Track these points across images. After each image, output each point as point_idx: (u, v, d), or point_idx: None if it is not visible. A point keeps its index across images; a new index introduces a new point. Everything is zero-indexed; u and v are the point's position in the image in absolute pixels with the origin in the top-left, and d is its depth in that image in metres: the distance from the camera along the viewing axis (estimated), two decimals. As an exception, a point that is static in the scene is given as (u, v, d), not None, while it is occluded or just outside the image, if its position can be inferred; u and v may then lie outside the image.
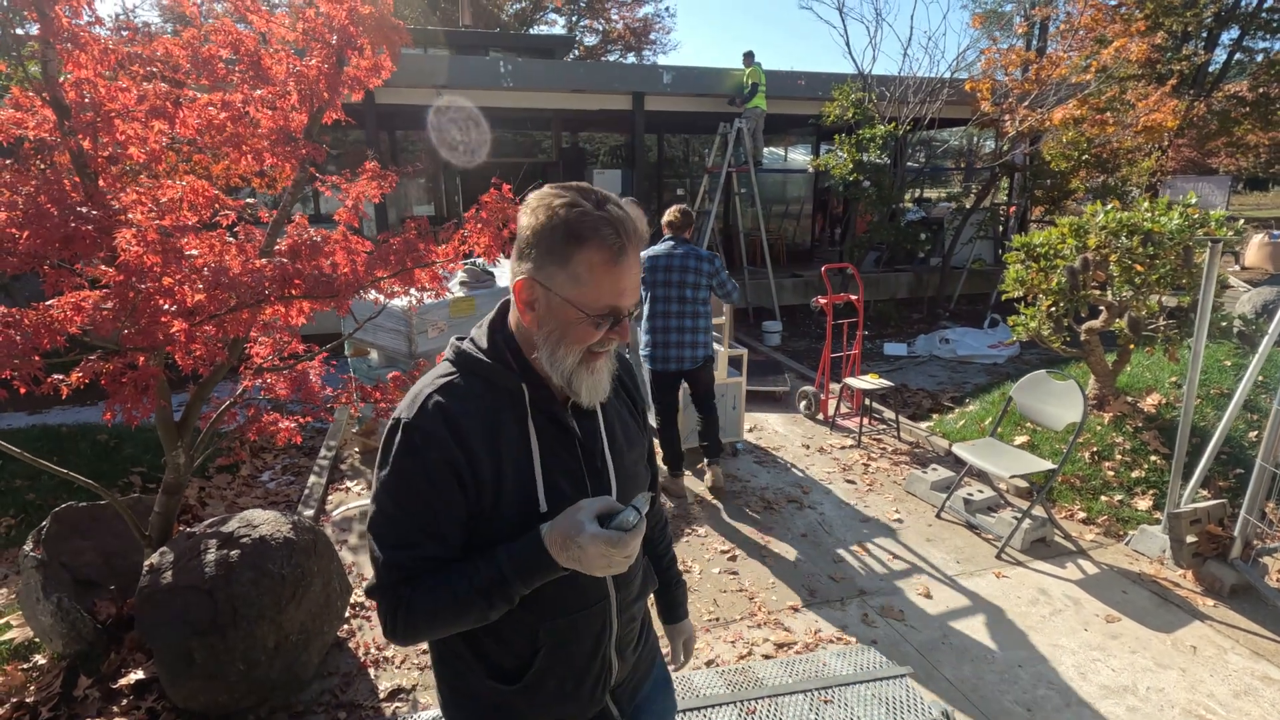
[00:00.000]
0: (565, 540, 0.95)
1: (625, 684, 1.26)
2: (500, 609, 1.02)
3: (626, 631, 1.21)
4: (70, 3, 1.90)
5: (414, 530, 1.01)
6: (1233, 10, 18.06)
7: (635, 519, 0.94)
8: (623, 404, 1.23)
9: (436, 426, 1.00)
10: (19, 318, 1.97)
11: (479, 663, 1.14)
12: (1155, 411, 4.21)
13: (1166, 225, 3.71)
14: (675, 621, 1.49)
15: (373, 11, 2.19)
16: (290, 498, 4.50)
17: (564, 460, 1.08)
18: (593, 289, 0.98)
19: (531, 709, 1.15)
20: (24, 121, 2.10)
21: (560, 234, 0.97)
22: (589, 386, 1.05)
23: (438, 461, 0.99)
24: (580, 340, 1.02)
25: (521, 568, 0.99)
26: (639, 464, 1.22)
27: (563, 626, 1.11)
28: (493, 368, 1.06)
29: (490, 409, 1.04)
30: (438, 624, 1.01)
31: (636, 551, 0.96)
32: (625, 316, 1.02)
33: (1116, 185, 9.15)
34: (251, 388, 2.65)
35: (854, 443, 4.72)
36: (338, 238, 2.72)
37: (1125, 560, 3.31)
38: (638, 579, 1.24)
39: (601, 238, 0.96)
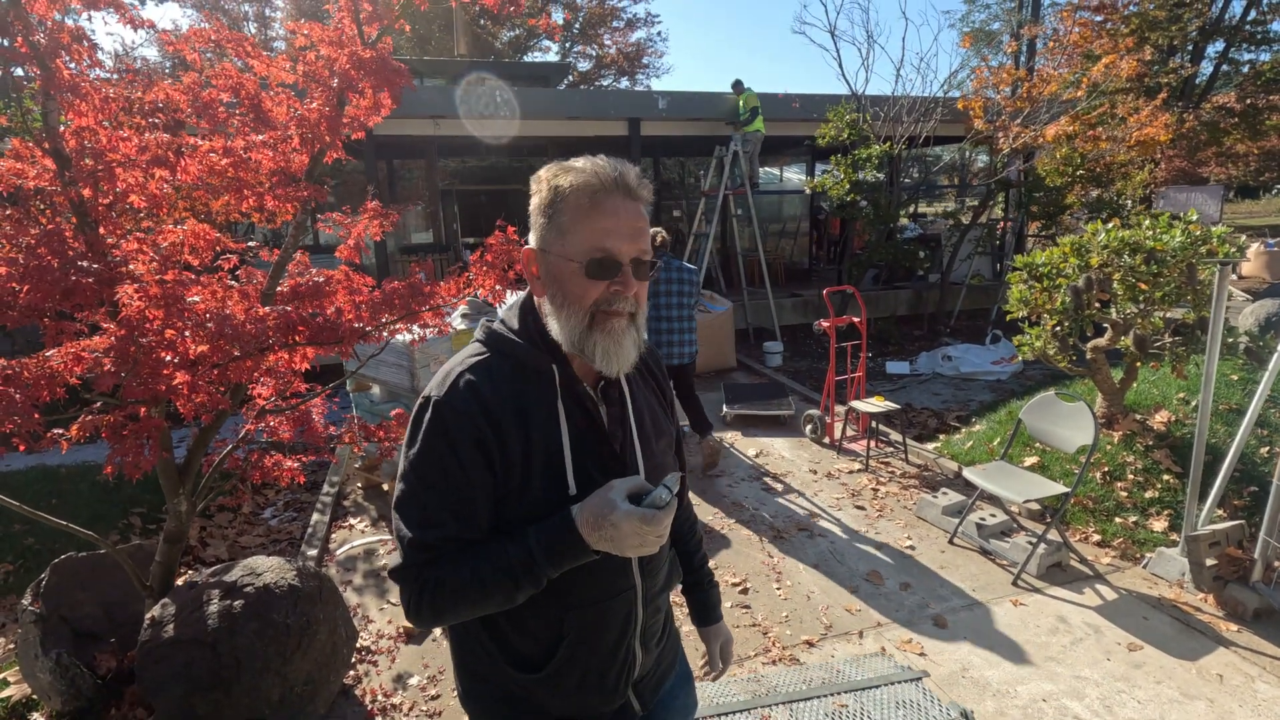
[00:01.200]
0: (598, 519, 0.94)
1: (648, 677, 1.23)
2: (526, 592, 0.99)
3: (651, 623, 1.18)
4: (72, 54, 1.89)
5: (441, 510, 0.99)
6: (1217, 24, 18.34)
7: (668, 497, 0.93)
8: (651, 393, 1.22)
9: (467, 404, 0.99)
10: (19, 370, 1.95)
11: (501, 651, 1.11)
12: (1165, 429, 4.17)
13: (1169, 243, 3.71)
14: (711, 624, 1.44)
15: (374, 55, 2.19)
16: (293, 535, 4.43)
17: (592, 444, 1.07)
18: (576, 235, 0.98)
19: (553, 699, 1.12)
20: (24, 172, 2.09)
21: (549, 196, 1.01)
22: (603, 350, 1.01)
23: (467, 440, 0.98)
24: (580, 297, 1.00)
25: (551, 548, 0.97)
26: (667, 454, 1.20)
27: (588, 615, 1.09)
28: (523, 348, 1.06)
29: (520, 389, 1.04)
30: (462, 606, 0.99)
31: (668, 531, 0.95)
32: (621, 265, 0.99)
33: (1112, 199, 9.20)
34: (254, 430, 2.61)
35: (861, 466, 4.67)
36: (340, 278, 2.71)
37: (1144, 584, 3.25)
38: (663, 569, 1.22)
39: (580, 184, 0.99)
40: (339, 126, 2.35)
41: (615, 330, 1.02)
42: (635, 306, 1.04)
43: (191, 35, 2.27)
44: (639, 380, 1.20)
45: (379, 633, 3.08)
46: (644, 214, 1.03)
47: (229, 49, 2.39)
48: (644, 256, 1.02)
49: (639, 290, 1.03)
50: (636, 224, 1.01)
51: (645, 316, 1.09)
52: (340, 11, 2.51)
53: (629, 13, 25.60)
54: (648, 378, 1.23)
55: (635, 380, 1.18)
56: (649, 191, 1.05)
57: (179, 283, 1.81)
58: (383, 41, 2.63)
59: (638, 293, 1.04)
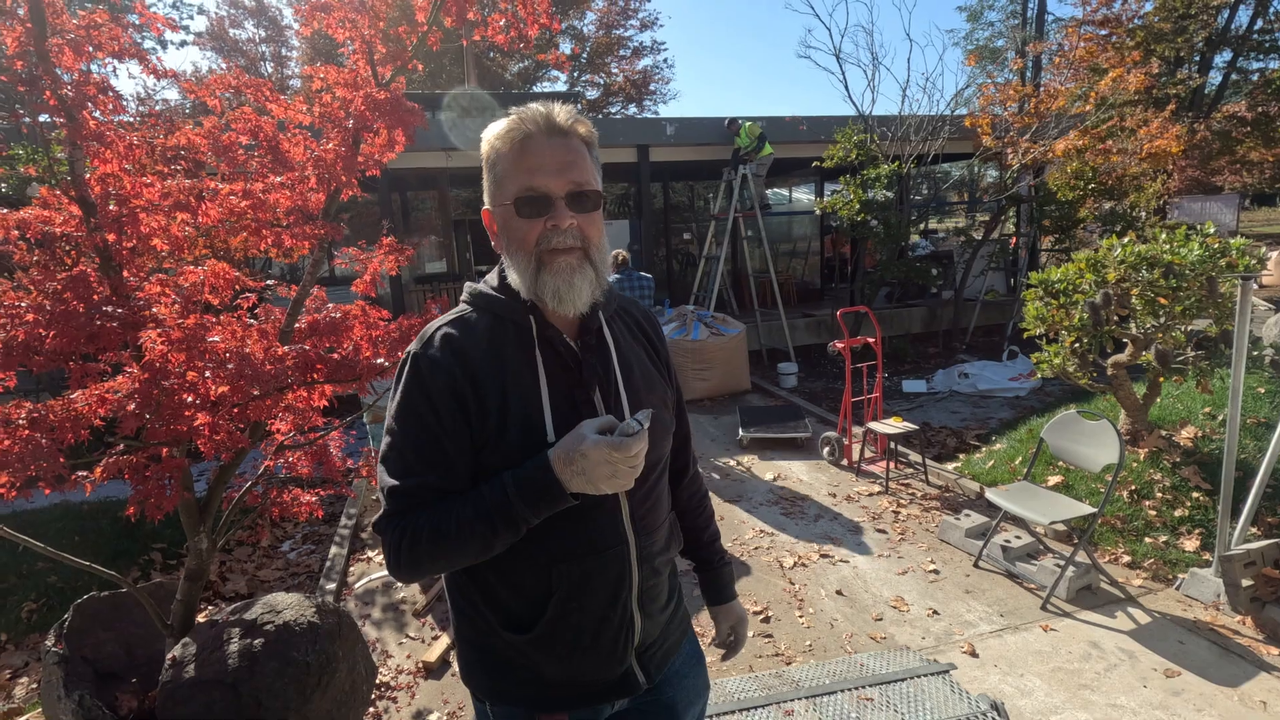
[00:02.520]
0: (568, 453, 0.94)
1: (654, 648, 1.19)
2: (504, 539, 0.99)
3: (650, 585, 1.16)
4: (98, 104, 1.95)
5: (417, 459, 1.01)
6: (1224, 34, 18.32)
7: (637, 427, 0.93)
8: (642, 348, 1.22)
9: (442, 354, 1.02)
10: (45, 413, 1.98)
11: (494, 613, 1.11)
12: (1192, 445, 4.09)
13: (1187, 257, 3.66)
14: (723, 602, 1.42)
15: (388, 96, 2.24)
16: (311, 568, 4.44)
17: (575, 393, 1.07)
18: (509, 181, 1.01)
19: (548, 662, 1.10)
20: (52, 219, 2.14)
21: (487, 152, 1.04)
22: (553, 289, 1.02)
23: (442, 388, 1.00)
24: (523, 240, 1.02)
25: (525, 488, 0.97)
26: (661, 410, 1.18)
27: (577, 570, 1.07)
28: (501, 301, 1.08)
29: (498, 342, 1.06)
30: (440, 553, 0.99)
31: (641, 461, 0.95)
32: (552, 199, 1.00)
33: (1125, 212, 9.13)
34: (273, 466, 2.63)
35: (881, 489, 4.61)
36: (357, 313, 2.74)
37: (1178, 607, 3.16)
38: (660, 529, 1.19)
39: (506, 131, 1.01)
40: (354, 166, 2.39)
41: (563, 268, 1.02)
42: (584, 242, 1.04)
43: (212, 82, 2.34)
44: (626, 333, 1.19)
45: (398, 668, 3.06)
46: (577, 149, 1.03)
47: (248, 93, 2.45)
48: (582, 189, 1.02)
49: (584, 224, 1.03)
50: (565, 158, 1.01)
51: (605, 254, 1.09)
52: (355, 55, 2.58)
53: (635, 41, 26.04)
54: (637, 333, 1.23)
55: (621, 333, 1.18)
56: (586, 128, 1.05)
57: (200, 326, 1.83)
58: (396, 80, 2.70)
59: (583, 227, 1.03)
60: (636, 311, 1.27)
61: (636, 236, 10.88)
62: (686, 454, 1.38)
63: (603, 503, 1.06)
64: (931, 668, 2.40)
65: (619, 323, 1.20)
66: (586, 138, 1.06)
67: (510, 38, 2.97)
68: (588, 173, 1.04)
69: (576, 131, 1.04)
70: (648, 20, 25.63)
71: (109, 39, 1.97)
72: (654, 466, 1.15)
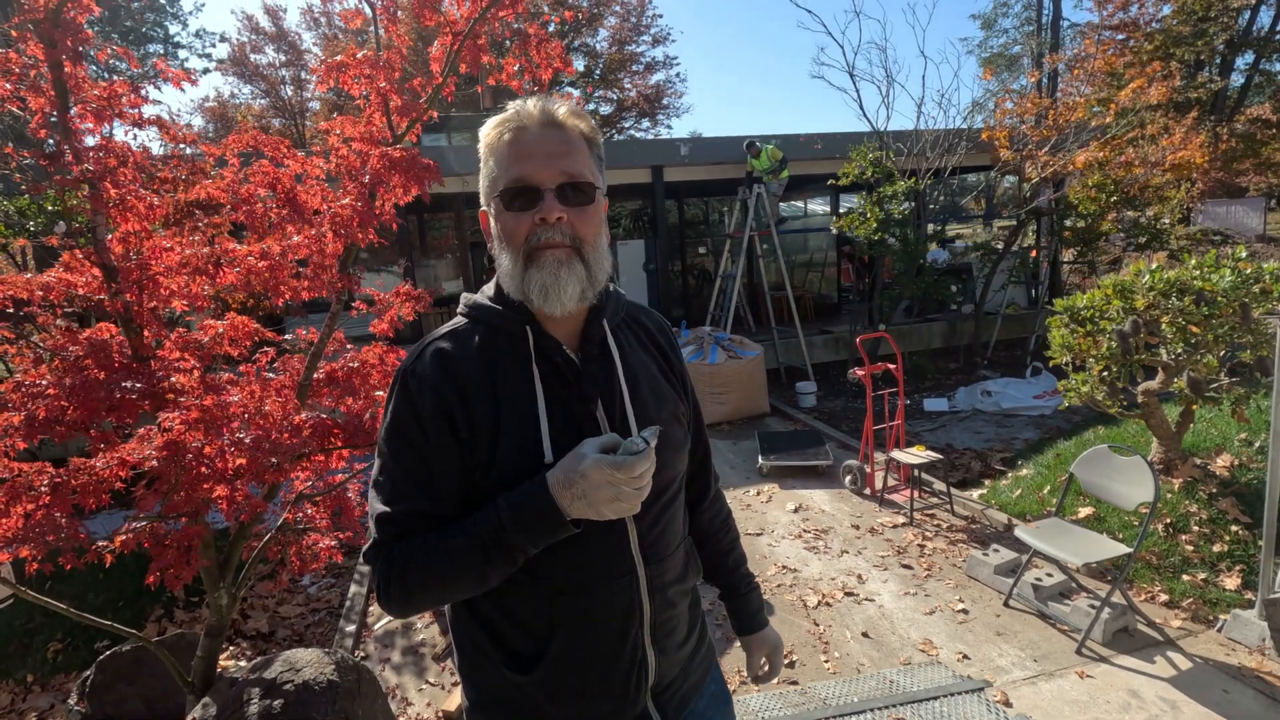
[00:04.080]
0: (567, 475, 0.87)
1: (672, 689, 1.11)
2: (499, 569, 0.92)
3: (664, 618, 1.07)
4: (119, 176, 1.97)
5: (407, 483, 0.96)
6: (1245, 36, 18.03)
7: (642, 445, 0.86)
8: (651, 358, 1.14)
9: (432, 371, 0.97)
10: (67, 479, 1.98)
11: (497, 650, 1.03)
12: (1229, 475, 3.96)
13: (1219, 284, 3.57)
14: (754, 631, 1.32)
15: (404, 155, 2.24)
16: (331, 603, 4.44)
17: (575, 409, 1.00)
18: (496, 172, 0.97)
19: (555, 705, 1.02)
20: (74, 283, 2.16)
21: (482, 150, 1.00)
22: (540, 286, 0.96)
23: (431, 407, 0.95)
24: (513, 236, 0.97)
25: (521, 514, 0.90)
26: (673, 425, 1.10)
27: (582, 602, 0.99)
28: (496, 311, 1.02)
29: (493, 355, 0.99)
30: (432, 585, 0.93)
31: (648, 484, 0.87)
32: (540, 190, 0.94)
33: (1149, 223, 8.97)
34: (293, 519, 2.62)
35: (906, 520, 4.52)
36: (374, 361, 2.74)
37: (1220, 651, 3.05)
38: (674, 555, 1.10)
39: (499, 123, 0.98)
40: (370, 220, 2.40)
41: (549, 262, 0.96)
42: (575, 240, 0.97)
43: (231, 141, 2.35)
44: (634, 343, 1.12)
45: (418, 716, 3.03)
46: (573, 141, 0.97)
47: (266, 150, 2.47)
48: (574, 180, 0.96)
49: (576, 219, 0.96)
50: (558, 148, 0.96)
51: (601, 254, 1.01)
52: (371, 108, 2.59)
53: (648, 56, 26.18)
54: (647, 343, 1.15)
55: (628, 342, 1.11)
56: (586, 123, 1.00)
57: (219, 405, 1.83)
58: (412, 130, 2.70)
59: (575, 222, 0.96)
60: (647, 320, 1.19)
61: (652, 256, 10.87)
62: (706, 475, 1.31)
63: (608, 528, 0.99)
64: (965, 685, 2.29)
65: (626, 331, 1.13)
66: (587, 133, 1.00)
67: (524, 82, 2.98)
68: (582, 164, 0.97)
69: (574, 125, 0.98)
70: (660, 36, 25.77)
71: (129, 107, 1.99)
72: (665, 488, 1.07)
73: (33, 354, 2.04)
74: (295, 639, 4.14)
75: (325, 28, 25.28)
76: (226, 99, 25.92)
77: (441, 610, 3.67)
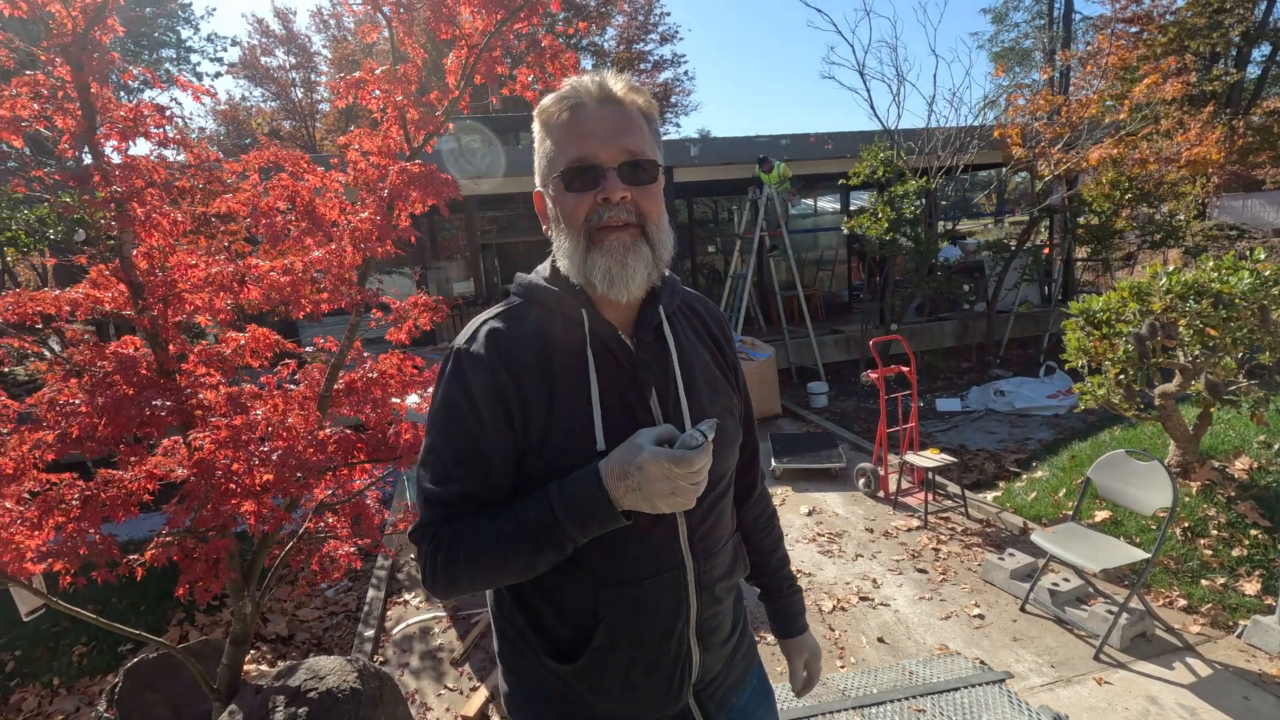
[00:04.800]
0: (622, 467, 0.85)
1: (715, 685, 1.10)
2: (548, 558, 0.91)
3: (709, 615, 1.06)
4: (146, 195, 2.01)
5: (457, 465, 0.94)
6: (1261, 27, 17.78)
7: (700, 439, 0.84)
8: (706, 348, 1.12)
9: (486, 351, 0.95)
10: (97, 492, 2.03)
11: (539, 639, 1.02)
12: (1248, 478, 3.93)
13: (1237, 286, 3.53)
14: (794, 635, 1.29)
15: (422, 170, 2.27)
16: (349, 607, 4.49)
17: (630, 396, 0.98)
18: (559, 153, 0.94)
19: (597, 698, 1.01)
20: (101, 299, 2.20)
21: (538, 128, 0.98)
22: (604, 270, 0.93)
23: (484, 387, 0.93)
24: (573, 218, 0.94)
25: (573, 503, 0.88)
26: (725, 417, 1.07)
27: (628, 596, 0.98)
28: (552, 293, 1.00)
29: (547, 336, 0.98)
30: (477, 569, 0.92)
31: (704, 479, 0.86)
32: (602, 169, 0.92)
33: (1165, 220, 8.89)
34: (314, 528, 2.66)
35: (920, 523, 4.52)
36: (392, 371, 2.77)
37: (1240, 657, 3.03)
38: (722, 551, 1.09)
39: (557, 100, 0.95)
40: (389, 233, 2.43)
41: (614, 247, 0.93)
42: (640, 217, 0.95)
43: (252, 158, 2.39)
44: (689, 332, 1.10)
45: (438, 721, 3.07)
46: (633, 118, 0.95)
47: (286, 165, 2.50)
48: (637, 158, 0.93)
49: (639, 198, 0.94)
50: (619, 125, 0.93)
51: (664, 233, 0.99)
52: (389, 121, 2.62)
53: (656, 55, 26.18)
54: (702, 334, 1.13)
55: (684, 331, 1.09)
56: (645, 98, 0.97)
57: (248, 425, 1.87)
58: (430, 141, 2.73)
59: (639, 201, 0.94)
60: (702, 308, 1.16)
61: (662, 255, 10.88)
62: (754, 470, 1.27)
63: (658, 522, 0.97)
64: (986, 676, 2.26)
65: (682, 319, 1.10)
66: (645, 108, 0.98)
67: (538, 93, 3.00)
68: (643, 141, 0.95)
69: (633, 101, 0.96)
70: (668, 34, 25.76)
71: (154, 127, 2.02)
72: (717, 482, 1.05)
73: (63, 370, 2.08)
74: (314, 642, 4.20)
75: (335, 29, 25.44)
76: (238, 102, 26.15)
77: (460, 615, 3.67)
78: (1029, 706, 2.12)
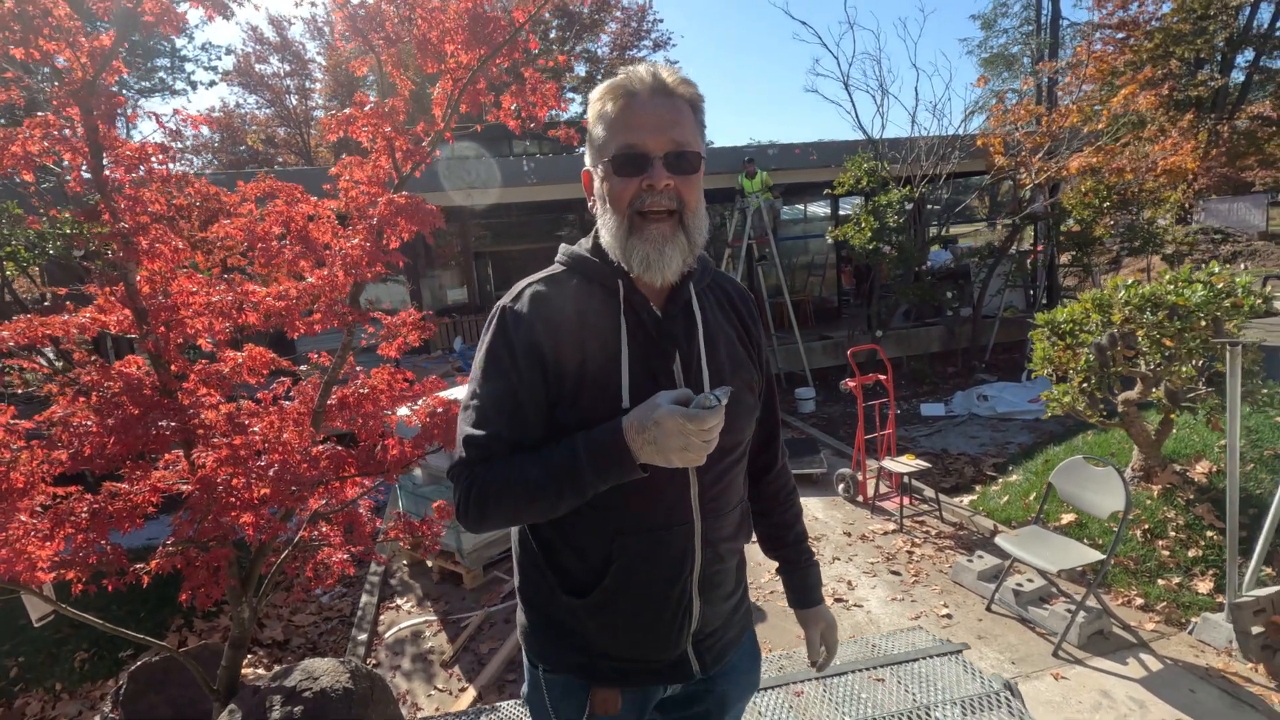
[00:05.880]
0: (641, 421, 0.94)
1: (712, 638, 1.18)
2: (569, 500, 0.99)
3: (713, 570, 1.14)
4: (151, 231, 2.15)
5: (495, 411, 1.04)
6: (1245, 33, 18.04)
7: (714, 401, 0.91)
8: (732, 326, 1.19)
9: (529, 310, 1.05)
10: (104, 505, 2.17)
11: (556, 575, 1.12)
12: (1207, 482, 4.10)
13: (1191, 298, 3.70)
14: (810, 605, 1.35)
15: (409, 201, 2.42)
16: (343, 612, 4.62)
17: (656, 362, 1.07)
18: (609, 139, 1.01)
19: (603, 634, 1.11)
20: (107, 323, 2.35)
21: (591, 112, 1.05)
22: (642, 256, 1.02)
23: (525, 341, 1.03)
24: (617, 199, 1.02)
25: (596, 453, 0.97)
26: (744, 392, 1.14)
27: (639, 543, 1.07)
28: (592, 264, 1.09)
29: (585, 302, 1.07)
30: (505, 505, 1.01)
31: (715, 438, 0.93)
32: (650, 157, 0.99)
33: (1144, 226, 9.08)
34: (309, 536, 2.80)
35: (896, 527, 4.68)
36: (383, 387, 2.92)
37: (1190, 653, 3.19)
38: (730, 514, 1.16)
39: (611, 88, 1.01)
40: (379, 258, 2.57)
41: (653, 236, 1.02)
42: (680, 204, 1.03)
43: (248, 189, 2.54)
44: (716, 310, 1.17)
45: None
46: (681, 109, 1.02)
47: (280, 194, 2.65)
48: (682, 149, 1.00)
49: (681, 187, 1.02)
50: (668, 117, 1.00)
51: (701, 220, 1.07)
52: (378, 151, 2.77)
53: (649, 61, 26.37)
54: (729, 311, 1.20)
55: (711, 308, 1.16)
56: (692, 91, 1.03)
57: (247, 445, 2.01)
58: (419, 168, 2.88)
59: (681, 189, 1.02)
60: (731, 288, 1.23)
61: (653, 263, 11.03)
62: (775, 448, 1.34)
63: (672, 478, 1.05)
64: (943, 647, 2.39)
65: (710, 297, 1.18)
66: (692, 100, 1.04)
67: (521, 120, 3.15)
68: (689, 133, 1.02)
69: (682, 93, 1.03)
70: (660, 40, 25.93)
71: (158, 164, 2.17)
72: (730, 449, 1.13)
73: (72, 390, 2.22)
74: (309, 647, 4.33)
75: (329, 36, 25.54)
76: (232, 109, 26.22)
77: (450, 619, 3.81)
78: (982, 674, 2.26)
